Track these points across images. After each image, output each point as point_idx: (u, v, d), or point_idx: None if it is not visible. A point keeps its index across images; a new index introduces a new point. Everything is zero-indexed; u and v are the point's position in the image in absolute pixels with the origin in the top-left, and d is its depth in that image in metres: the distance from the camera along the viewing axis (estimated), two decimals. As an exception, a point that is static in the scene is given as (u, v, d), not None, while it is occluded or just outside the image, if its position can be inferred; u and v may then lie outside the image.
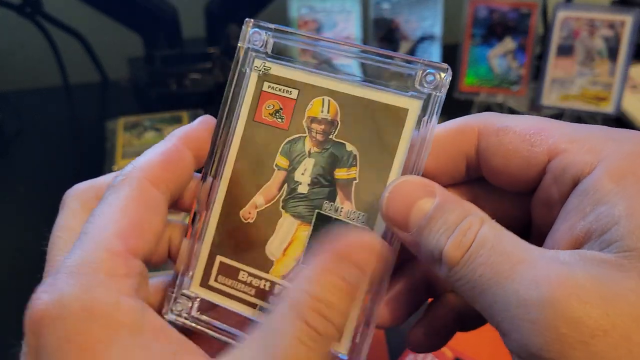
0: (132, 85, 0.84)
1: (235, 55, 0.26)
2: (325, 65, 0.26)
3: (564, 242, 0.21)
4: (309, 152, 0.25)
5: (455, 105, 0.74)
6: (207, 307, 0.25)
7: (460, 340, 0.43)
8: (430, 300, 0.27)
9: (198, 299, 0.25)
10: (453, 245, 0.20)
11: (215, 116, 0.26)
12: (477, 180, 0.25)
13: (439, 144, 0.24)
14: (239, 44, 0.26)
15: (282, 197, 0.25)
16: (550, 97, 0.71)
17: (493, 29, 0.71)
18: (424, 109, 0.24)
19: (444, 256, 0.20)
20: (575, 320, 0.18)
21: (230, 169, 0.26)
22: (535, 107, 0.74)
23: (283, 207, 0.25)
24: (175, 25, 0.80)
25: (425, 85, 0.24)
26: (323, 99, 0.25)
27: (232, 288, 0.25)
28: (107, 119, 0.72)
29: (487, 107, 0.74)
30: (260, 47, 0.26)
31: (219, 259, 0.26)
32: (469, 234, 0.20)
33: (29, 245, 0.46)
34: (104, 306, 0.20)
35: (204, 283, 0.26)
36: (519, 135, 0.23)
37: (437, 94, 0.24)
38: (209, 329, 0.25)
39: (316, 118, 0.25)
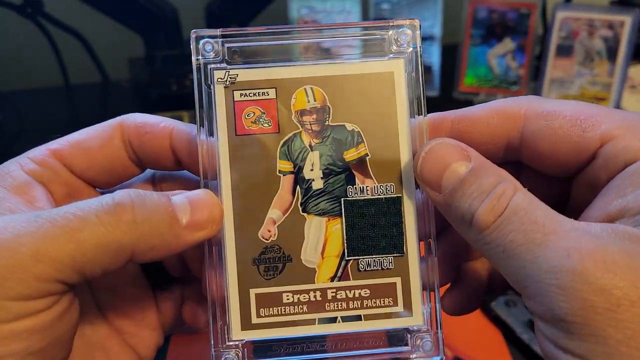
0: (133, 86, 0.84)
1: (194, 73, 0.24)
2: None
3: (597, 217, 0.21)
4: (310, 145, 0.24)
5: (454, 106, 0.74)
6: (261, 346, 0.24)
7: (460, 340, 0.43)
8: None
9: (246, 344, 0.23)
10: (486, 210, 0.20)
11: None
12: (511, 162, 0.25)
13: (482, 124, 0.24)
14: (193, 61, 0.24)
15: (299, 200, 0.24)
16: (550, 97, 0.71)
17: (492, 30, 0.71)
18: (408, 67, 0.24)
19: (476, 219, 0.21)
20: (603, 289, 0.18)
21: (229, 193, 0.24)
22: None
23: (304, 210, 0.24)
24: (175, 26, 0.80)
25: (402, 44, 0.24)
26: (305, 89, 0.24)
27: (280, 315, 0.23)
28: (107, 119, 0.72)
29: (487, 107, 0.75)
30: (216, 57, 0.24)
31: (253, 292, 0.24)
32: (502, 200, 0.20)
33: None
34: None
35: (246, 325, 0.23)
36: (569, 121, 0.23)
37: (415, 48, 0.24)
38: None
39: (305, 110, 0.24)
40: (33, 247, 0.19)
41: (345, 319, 0.24)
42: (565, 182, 0.25)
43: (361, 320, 0.24)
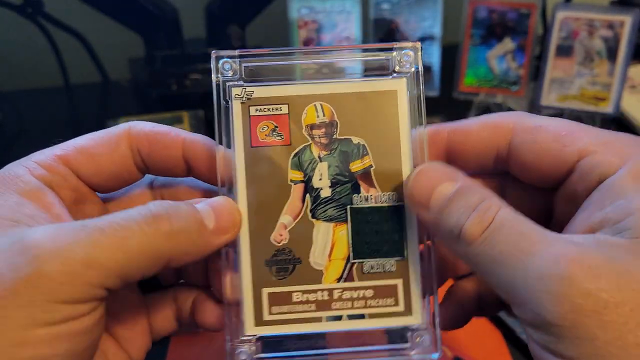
0: (133, 86, 0.84)
1: (214, 90, 0.26)
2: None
3: (580, 230, 0.23)
4: (319, 157, 0.26)
5: (454, 105, 0.74)
6: (272, 341, 0.26)
7: (460, 339, 0.43)
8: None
9: (259, 339, 0.26)
10: (473, 223, 0.22)
11: (212, 116, 0.27)
12: (501, 174, 0.27)
13: (474, 136, 0.26)
14: (213, 78, 0.26)
15: (309, 207, 0.26)
16: (549, 98, 0.71)
17: (492, 30, 0.71)
18: (410, 85, 0.26)
19: (464, 233, 0.22)
20: (589, 292, 0.19)
21: (245, 200, 0.26)
22: (534, 108, 0.74)
23: (313, 217, 0.26)
24: (175, 26, 0.80)
25: (405, 65, 0.26)
26: (315, 105, 0.26)
27: (290, 313, 0.26)
28: (108, 119, 0.72)
29: (486, 107, 0.74)
30: (234, 75, 0.26)
31: (265, 291, 0.26)
32: (488, 214, 0.22)
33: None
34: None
35: (259, 321, 0.26)
36: (552, 135, 0.25)
37: (417, 68, 0.26)
38: (277, 356, 0.26)
39: (315, 124, 0.26)
40: (85, 254, 0.21)
41: (350, 317, 0.26)
42: (549, 195, 0.26)
43: (365, 318, 0.26)
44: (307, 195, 0.26)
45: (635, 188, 0.22)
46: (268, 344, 0.25)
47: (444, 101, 0.74)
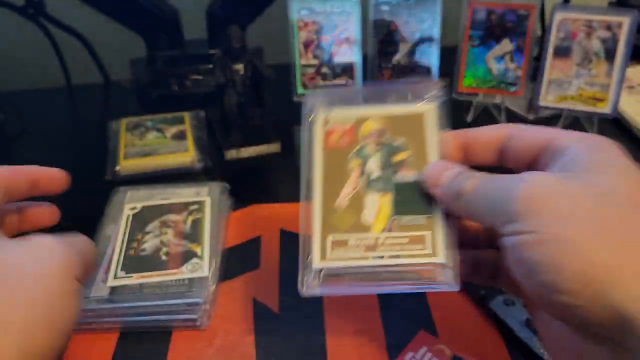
0: (134, 86, 0.84)
1: (305, 120, 0.39)
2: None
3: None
4: (372, 151, 0.38)
5: (453, 106, 0.74)
6: (332, 273, 0.34)
7: (459, 339, 0.43)
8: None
9: (323, 269, 0.34)
10: (468, 184, 0.32)
11: (213, 116, 0.29)
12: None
13: (482, 136, 0.36)
14: (308, 117, 0.40)
15: (363, 183, 0.37)
16: (548, 98, 0.71)
17: (491, 31, 0.71)
18: (436, 109, 0.39)
19: (462, 190, 0.32)
20: (539, 193, 0.29)
21: (319, 180, 0.37)
22: (532, 108, 0.74)
23: (365, 189, 0.37)
24: (176, 27, 0.80)
25: (432, 95, 0.39)
26: (369, 122, 0.39)
27: (347, 252, 0.35)
28: (109, 119, 0.73)
29: (485, 108, 0.75)
30: (320, 113, 0.40)
31: (329, 238, 0.35)
32: (476, 176, 0.33)
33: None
34: None
35: (323, 257, 0.35)
36: (537, 129, 0.34)
37: (440, 97, 0.39)
38: (337, 289, 0.34)
39: (369, 134, 0.38)
40: None
41: (389, 257, 0.34)
42: None
43: (400, 257, 0.34)
44: (363, 175, 0.37)
45: (577, 145, 0.31)
46: (330, 273, 0.34)
47: (443, 102, 0.74)
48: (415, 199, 0.35)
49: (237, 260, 0.51)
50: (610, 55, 0.68)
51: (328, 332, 0.44)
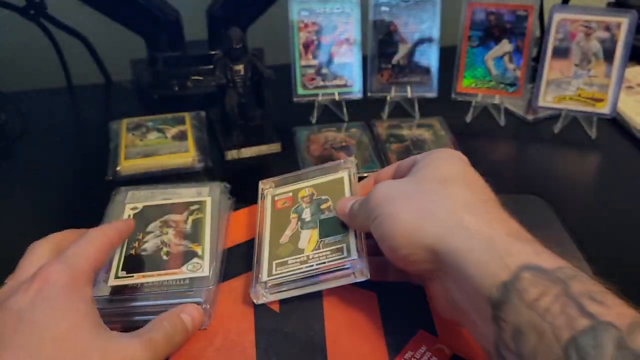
0: (135, 87, 0.84)
1: (261, 199, 0.56)
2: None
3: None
4: (305, 206, 0.53)
5: (452, 107, 0.74)
6: (276, 285, 0.46)
7: (459, 338, 0.44)
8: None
9: (269, 282, 0.46)
10: (354, 206, 0.46)
11: (213, 117, 0.29)
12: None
13: (387, 173, 0.50)
14: (263, 195, 0.57)
15: (299, 226, 0.51)
16: (547, 99, 0.72)
17: (490, 31, 0.72)
18: (351, 172, 0.54)
19: (352, 210, 0.47)
20: (384, 192, 0.42)
21: (269, 228, 0.52)
22: (531, 108, 0.75)
23: (300, 229, 0.50)
24: (177, 28, 0.80)
25: (348, 164, 0.55)
26: (304, 189, 0.55)
27: (287, 268, 0.47)
28: (110, 120, 0.73)
29: (484, 108, 0.75)
30: (271, 191, 0.57)
31: (274, 263, 0.48)
32: (361, 203, 0.45)
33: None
34: None
35: (270, 274, 0.47)
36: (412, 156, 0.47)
37: (354, 167, 0.54)
38: (279, 292, 0.46)
39: (305, 197, 0.54)
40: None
41: (317, 265, 0.46)
42: None
43: (325, 263, 0.46)
44: (299, 222, 0.51)
45: (423, 157, 0.45)
46: (273, 286, 0.46)
47: (442, 102, 0.75)
48: (334, 226, 0.49)
49: (237, 260, 0.52)
50: (609, 55, 0.69)
51: (328, 332, 0.44)
